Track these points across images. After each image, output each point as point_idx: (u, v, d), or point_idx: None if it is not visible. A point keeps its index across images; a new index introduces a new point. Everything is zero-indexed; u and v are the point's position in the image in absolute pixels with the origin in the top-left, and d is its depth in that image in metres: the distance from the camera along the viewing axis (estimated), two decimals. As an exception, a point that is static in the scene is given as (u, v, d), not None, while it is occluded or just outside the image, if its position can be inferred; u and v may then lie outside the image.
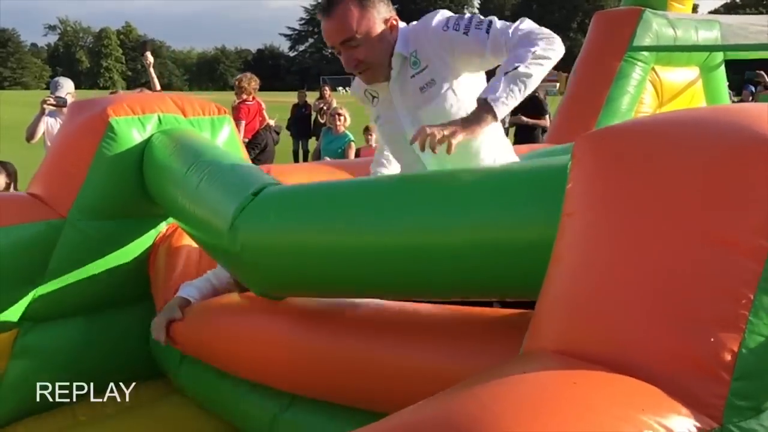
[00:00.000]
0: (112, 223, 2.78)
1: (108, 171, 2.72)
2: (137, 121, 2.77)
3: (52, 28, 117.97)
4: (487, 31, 2.07)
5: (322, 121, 10.24)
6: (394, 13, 2.20)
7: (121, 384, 2.69)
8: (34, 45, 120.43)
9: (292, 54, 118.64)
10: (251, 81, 7.62)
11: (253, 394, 2.41)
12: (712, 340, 1.13)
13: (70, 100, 5.71)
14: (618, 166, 1.33)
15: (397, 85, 2.26)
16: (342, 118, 7.10)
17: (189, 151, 2.60)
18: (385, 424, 1.17)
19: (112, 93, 6.98)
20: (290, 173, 3.60)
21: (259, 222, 2.15)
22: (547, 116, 8.56)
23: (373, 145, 7.91)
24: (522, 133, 8.24)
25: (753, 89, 10.83)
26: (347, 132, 7.15)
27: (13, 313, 2.66)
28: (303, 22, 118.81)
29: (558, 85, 50.63)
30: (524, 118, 8.35)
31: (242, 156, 3.04)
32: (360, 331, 2.12)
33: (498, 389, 1.14)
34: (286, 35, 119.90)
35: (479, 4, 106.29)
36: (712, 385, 1.13)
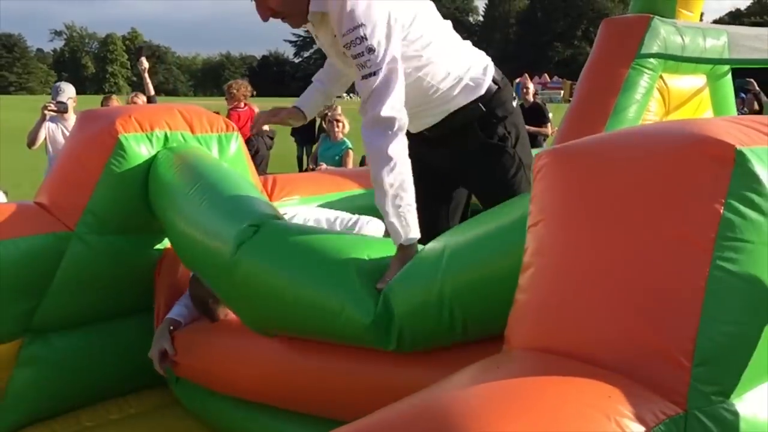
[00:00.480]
0: (120, 238, 2.77)
1: (116, 187, 2.71)
2: (145, 138, 2.75)
3: (58, 33, 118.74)
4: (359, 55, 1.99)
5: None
6: None
7: (125, 392, 2.69)
8: (39, 50, 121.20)
9: (297, 60, 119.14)
10: (241, 87, 7.56)
11: (250, 411, 2.41)
12: (670, 328, 1.21)
13: (71, 105, 5.71)
14: (575, 178, 1.44)
15: (321, 34, 2.22)
16: (340, 124, 7.05)
17: (191, 172, 2.58)
18: (365, 421, 1.21)
19: (105, 98, 6.97)
20: (296, 182, 3.58)
21: (259, 259, 2.13)
22: (549, 124, 8.56)
23: None
24: None
25: (744, 96, 11.02)
26: (345, 139, 7.12)
27: (18, 323, 2.65)
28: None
29: (562, 92, 50.78)
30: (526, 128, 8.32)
31: (249, 175, 3.02)
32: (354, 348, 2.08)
33: (474, 383, 1.23)
34: (291, 41, 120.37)
35: (484, 11, 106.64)
36: (674, 372, 1.20)
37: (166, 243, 2.92)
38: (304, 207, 3.12)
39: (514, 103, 2.50)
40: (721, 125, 1.35)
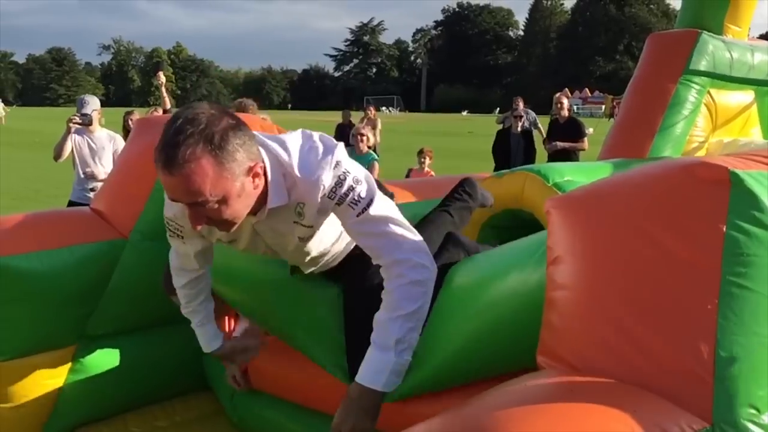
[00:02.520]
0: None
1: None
2: None
3: (106, 47, 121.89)
4: (358, 215, 1.78)
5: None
6: (259, 157, 1.70)
7: (171, 396, 2.72)
8: (88, 64, 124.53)
9: (336, 74, 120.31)
10: (246, 108, 7.47)
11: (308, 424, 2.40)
12: (689, 346, 1.27)
13: (95, 117, 5.77)
14: (586, 218, 1.54)
15: (266, 225, 1.89)
16: (365, 138, 7.11)
17: None
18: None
19: (127, 113, 7.06)
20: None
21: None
22: (585, 139, 8.52)
23: (426, 169, 7.91)
24: (558, 159, 8.14)
25: None
26: (371, 152, 7.16)
27: (73, 330, 2.71)
28: (348, 43, 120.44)
29: (604, 107, 50.24)
30: (560, 144, 8.31)
31: None
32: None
33: (509, 400, 1.30)
34: (331, 56, 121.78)
35: (524, 26, 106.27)
36: (697, 387, 1.24)
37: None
38: None
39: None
40: (715, 157, 1.46)
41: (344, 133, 12.53)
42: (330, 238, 2.05)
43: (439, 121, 52.89)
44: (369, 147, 7.13)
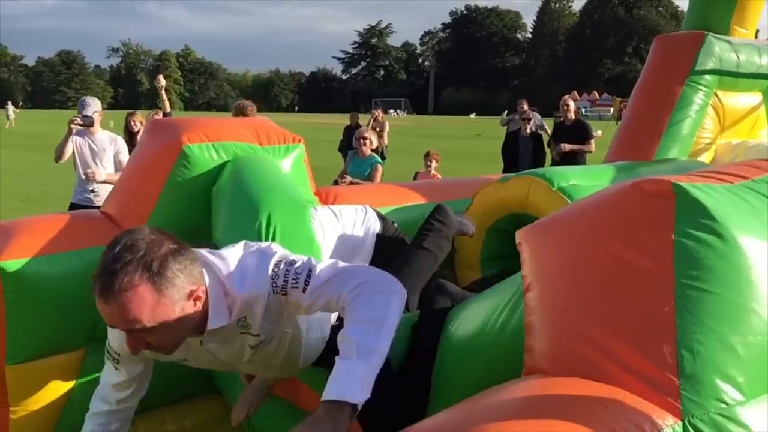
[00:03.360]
0: None
1: (179, 196, 2.77)
2: (211, 149, 2.81)
3: (115, 50, 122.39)
4: (304, 290, 1.72)
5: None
6: (201, 280, 1.69)
7: (180, 399, 2.74)
8: (97, 66, 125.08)
9: (344, 77, 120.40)
10: (245, 109, 7.34)
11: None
12: (652, 349, 1.34)
13: (97, 118, 5.79)
14: (551, 244, 1.66)
15: (214, 342, 1.84)
16: (367, 141, 7.12)
17: (233, 177, 2.69)
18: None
19: (129, 114, 6.95)
20: (356, 195, 3.59)
21: None
22: (592, 141, 8.54)
23: (432, 172, 7.92)
24: (564, 161, 8.14)
25: None
26: (373, 154, 7.18)
27: (83, 333, 2.72)
28: (356, 45, 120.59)
29: (612, 110, 50.11)
30: (566, 146, 8.31)
31: (308, 184, 3.10)
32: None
33: (487, 406, 1.38)
34: (339, 58, 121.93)
35: (532, 28, 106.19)
36: (664, 386, 1.30)
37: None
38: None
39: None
40: (666, 175, 1.54)
41: (352, 136, 12.57)
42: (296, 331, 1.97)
43: (446, 124, 52.84)
44: (372, 150, 7.14)
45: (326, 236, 2.68)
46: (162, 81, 6.62)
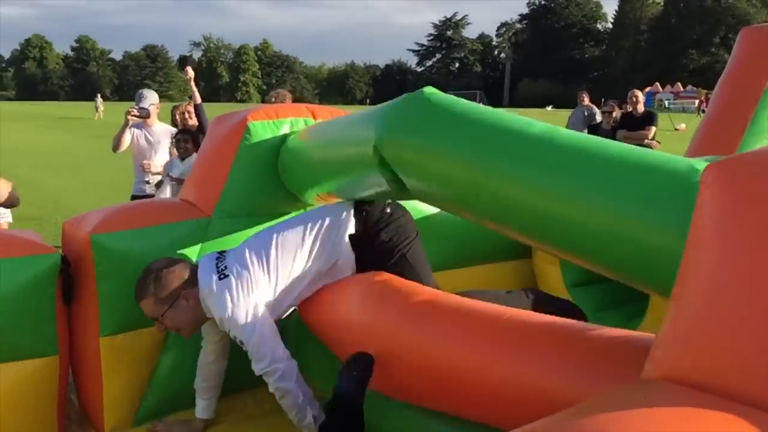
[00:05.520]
0: (251, 221, 2.98)
1: (246, 170, 2.95)
2: (272, 125, 2.98)
3: (197, 44, 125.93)
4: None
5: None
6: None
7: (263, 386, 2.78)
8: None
9: (419, 69, 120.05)
10: (285, 98, 7.33)
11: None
12: None
13: (153, 111, 5.93)
14: (749, 198, 1.24)
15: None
16: None
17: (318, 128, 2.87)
18: None
19: (175, 107, 6.85)
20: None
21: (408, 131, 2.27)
22: (652, 128, 8.45)
23: None
24: None
25: None
26: None
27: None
28: (431, 37, 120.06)
29: (697, 102, 48.15)
30: (622, 133, 8.36)
31: None
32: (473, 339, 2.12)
33: (617, 417, 1.13)
34: (413, 50, 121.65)
35: (613, 18, 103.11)
36: None
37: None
38: None
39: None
40: None
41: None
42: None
43: (522, 116, 51.95)
44: None
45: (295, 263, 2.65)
46: (190, 72, 6.64)
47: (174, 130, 6.01)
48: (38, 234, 3.07)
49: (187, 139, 5.36)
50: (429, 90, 2.33)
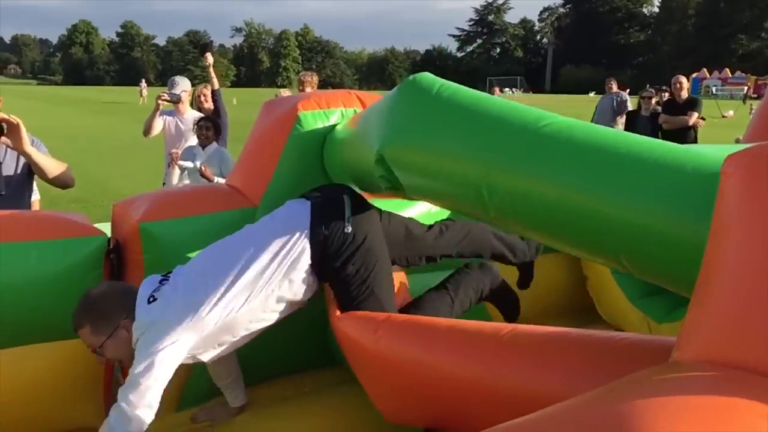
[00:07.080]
0: None
1: (295, 160, 2.92)
2: (323, 114, 2.96)
3: (238, 30, 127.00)
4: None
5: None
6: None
7: (300, 370, 2.84)
8: (221, 46, 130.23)
9: (459, 54, 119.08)
10: (313, 77, 7.31)
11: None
12: None
13: (184, 97, 5.98)
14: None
15: None
16: None
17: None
18: (533, 418, 1.17)
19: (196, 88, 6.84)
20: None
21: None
22: (694, 114, 8.41)
23: None
24: (672, 138, 7.83)
25: None
26: None
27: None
28: (472, 23, 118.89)
29: (746, 88, 46.75)
30: (662, 118, 8.46)
31: None
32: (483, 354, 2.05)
33: (652, 397, 1.12)
34: (454, 36, 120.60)
35: (660, 2, 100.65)
36: None
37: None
38: None
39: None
40: None
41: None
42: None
43: (564, 103, 51.25)
44: None
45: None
46: (210, 59, 6.66)
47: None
48: (85, 216, 3.11)
49: (209, 127, 5.35)
50: (423, 79, 2.41)
